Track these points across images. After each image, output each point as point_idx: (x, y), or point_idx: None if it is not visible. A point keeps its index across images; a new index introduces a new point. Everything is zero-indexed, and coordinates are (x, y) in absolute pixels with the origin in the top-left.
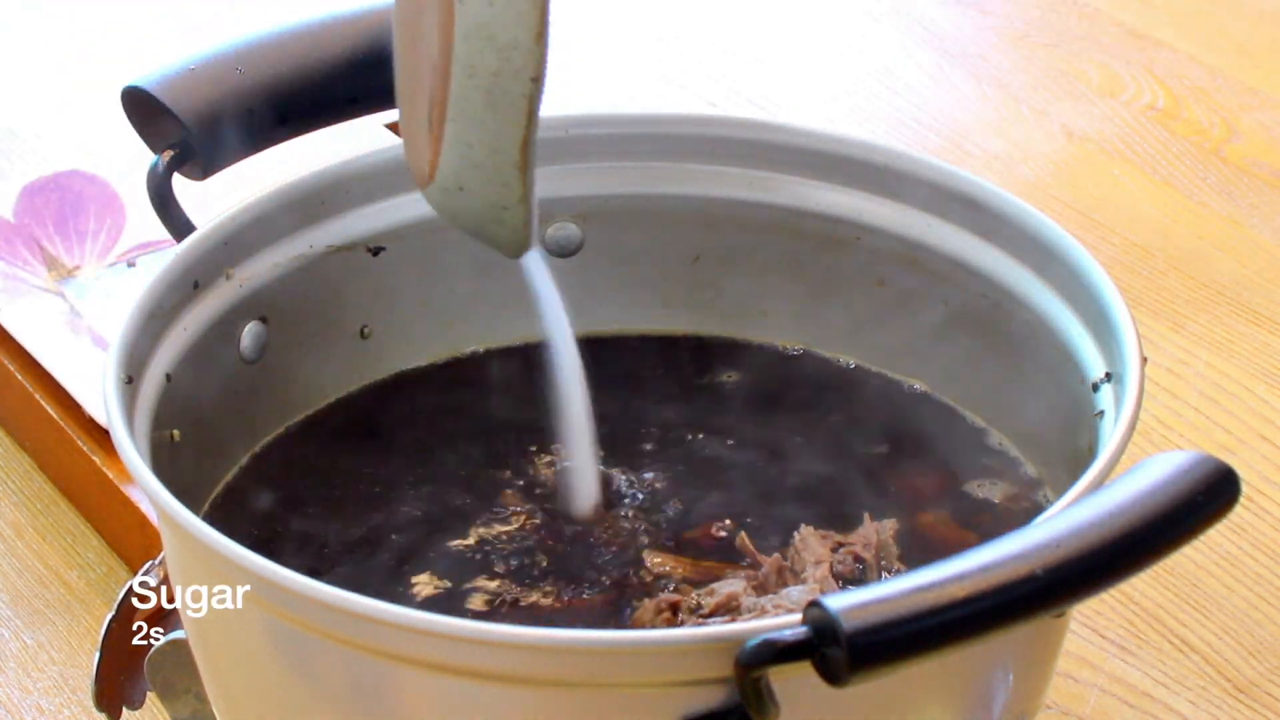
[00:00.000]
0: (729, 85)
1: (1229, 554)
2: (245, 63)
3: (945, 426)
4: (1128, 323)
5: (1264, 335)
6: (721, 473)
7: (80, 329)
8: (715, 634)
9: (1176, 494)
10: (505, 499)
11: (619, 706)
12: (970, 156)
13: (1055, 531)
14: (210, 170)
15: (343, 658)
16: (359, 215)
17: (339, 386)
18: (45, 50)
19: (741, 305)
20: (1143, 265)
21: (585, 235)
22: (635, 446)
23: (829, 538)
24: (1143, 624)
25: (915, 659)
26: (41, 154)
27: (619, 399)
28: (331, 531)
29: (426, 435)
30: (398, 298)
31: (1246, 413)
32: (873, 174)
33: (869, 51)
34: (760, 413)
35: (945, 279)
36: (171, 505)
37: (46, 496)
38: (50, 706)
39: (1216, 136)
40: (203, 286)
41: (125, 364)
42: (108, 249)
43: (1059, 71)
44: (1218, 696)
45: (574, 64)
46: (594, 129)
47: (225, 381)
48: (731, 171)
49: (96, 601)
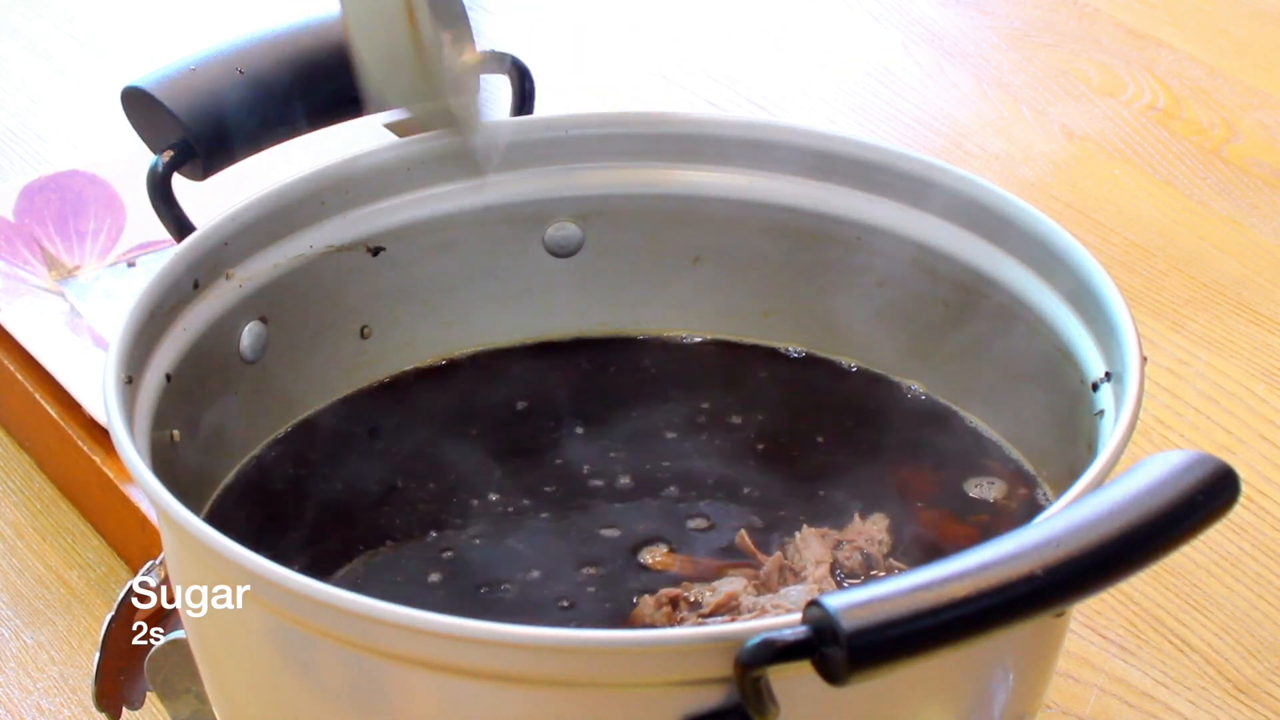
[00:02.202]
0: (729, 85)
1: (1229, 554)
2: (245, 63)
3: (945, 426)
4: (1128, 322)
5: (1264, 335)
6: (721, 472)
7: (80, 329)
8: (715, 633)
9: (1176, 493)
10: (506, 498)
11: (619, 706)
12: (970, 156)
13: (1055, 531)
14: (210, 170)
15: (343, 658)
16: (359, 215)
17: (339, 386)
18: (45, 50)
19: (741, 305)
20: (1143, 265)
21: (585, 235)
22: (635, 446)
23: (829, 536)
24: (1143, 624)
25: (915, 658)
26: (41, 154)
27: (619, 399)
28: (332, 531)
29: (426, 435)
30: (398, 298)
31: (1246, 413)
32: (873, 174)
33: (869, 51)
34: (760, 413)
35: (945, 279)
36: (171, 505)
37: (46, 496)
38: (50, 706)
39: (1216, 136)
40: (203, 286)
41: (125, 364)
42: (108, 249)
43: (1059, 71)
44: (1218, 696)
45: (574, 64)
46: (594, 129)
47: (225, 381)
48: (731, 171)
49: (96, 601)
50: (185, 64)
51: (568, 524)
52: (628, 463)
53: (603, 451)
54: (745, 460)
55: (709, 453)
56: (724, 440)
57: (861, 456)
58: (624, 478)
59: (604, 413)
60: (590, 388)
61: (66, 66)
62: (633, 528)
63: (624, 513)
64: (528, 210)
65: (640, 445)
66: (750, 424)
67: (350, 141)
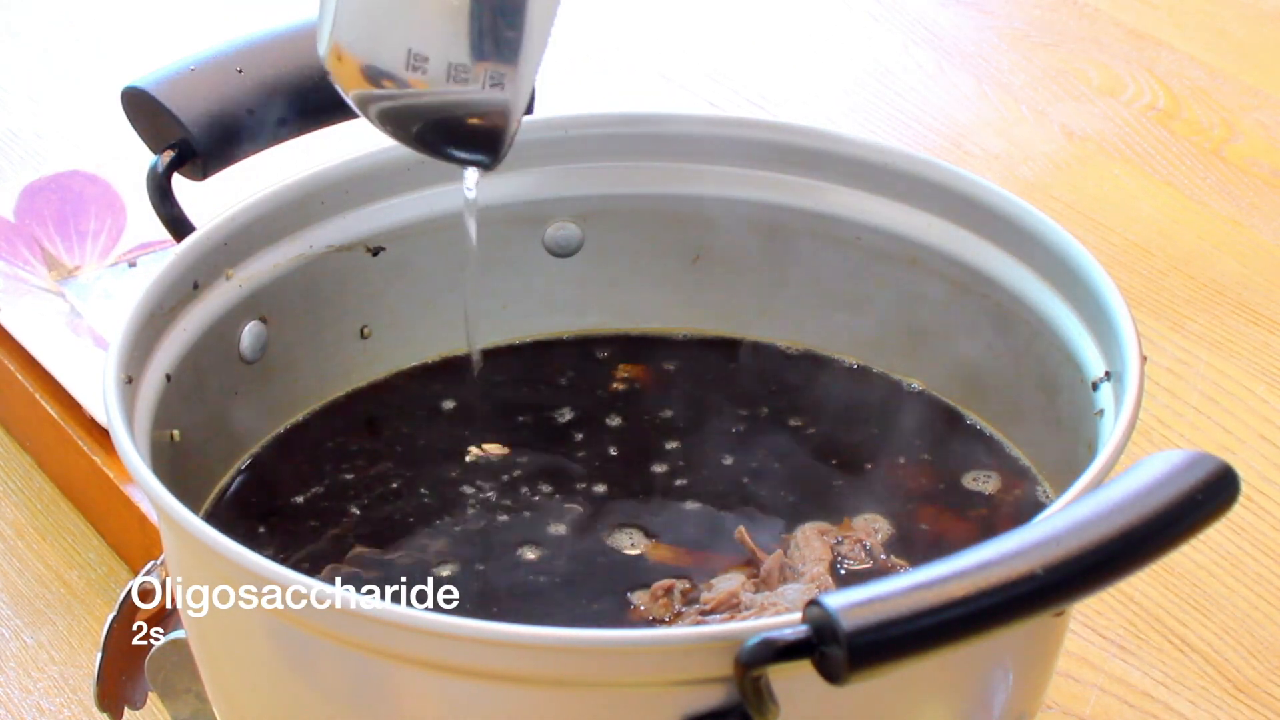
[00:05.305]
0: (729, 85)
1: (1229, 554)
2: (245, 63)
3: (945, 425)
4: (1128, 321)
5: (1264, 335)
6: (722, 470)
7: (81, 329)
8: (715, 633)
9: (1176, 492)
10: (505, 496)
11: (619, 706)
12: (970, 156)
13: (1055, 529)
14: (210, 170)
15: (343, 658)
16: (359, 215)
17: (339, 386)
18: (45, 51)
19: (741, 305)
20: (1143, 265)
21: (585, 235)
22: (635, 445)
23: (829, 533)
24: (1143, 624)
25: (915, 657)
26: (42, 154)
27: (619, 399)
28: (331, 531)
29: (426, 435)
30: (398, 298)
31: (1246, 413)
32: (873, 174)
33: (869, 51)
34: (760, 412)
35: (945, 278)
36: (171, 505)
37: (46, 496)
38: (51, 706)
39: (1216, 136)
40: (203, 286)
41: (125, 364)
42: (108, 249)
43: (1059, 71)
44: (1218, 696)
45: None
46: (594, 129)
47: (225, 381)
48: (732, 171)
49: (97, 601)
50: (185, 64)
51: (568, 520)
52: (628, 459)
53: (603, 448)
54: (745, 457)
55: (709, 449)
56: (724, 437)
57: (861, 454)
58: (624, 473)
59: (603, 411)
60: (590, 387)
61: (66, 66)
62: (632, 522)
63: (624, 507)
64: (528, 210)
65: (640, 442)
66: (750, 421)
67: (350, 141)
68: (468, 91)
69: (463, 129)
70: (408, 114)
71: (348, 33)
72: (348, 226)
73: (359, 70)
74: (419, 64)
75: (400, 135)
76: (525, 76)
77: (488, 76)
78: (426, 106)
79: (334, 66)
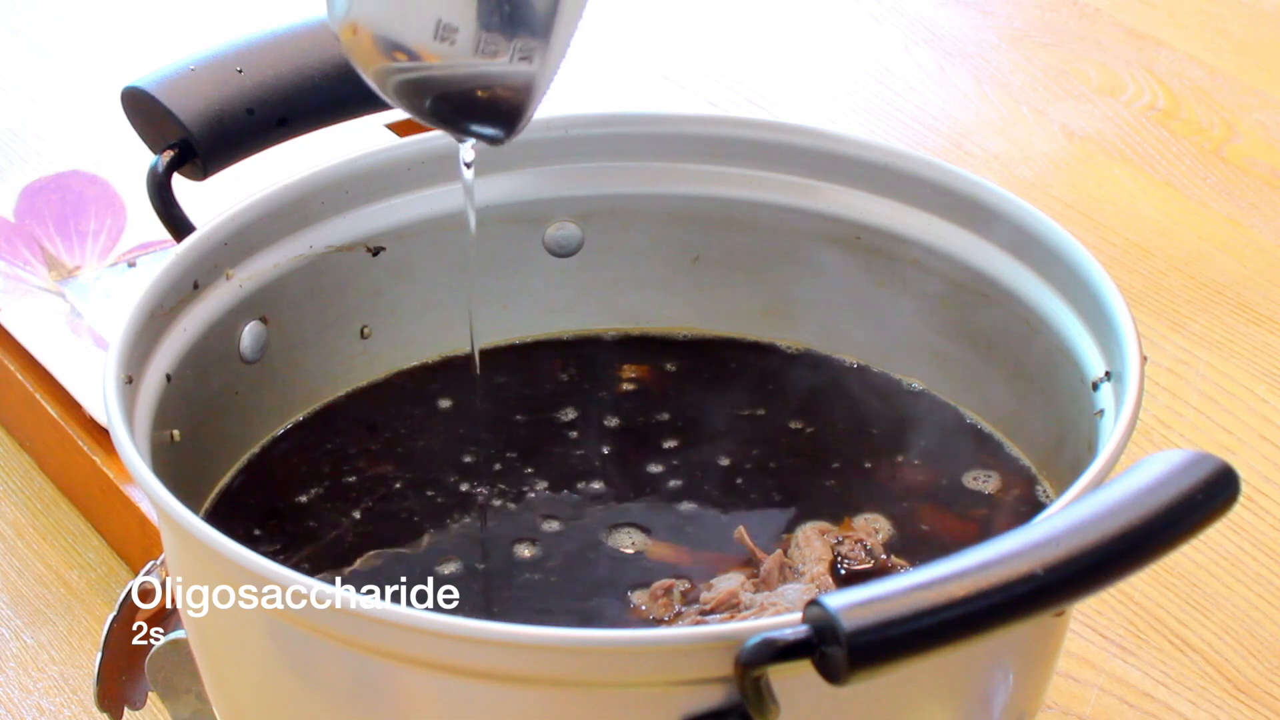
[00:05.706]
0: (729, 85)
1: (1229, 554)
2: (245, 63)
3: (945, 425)
4: (1128, 321)
5: (1264, 335)
6: (722, 469)
7: (81, 329)
8: (715, 633)
9: (1176, 492)
10: (506, 496)
11: (619, 706)
12: (970, 156)
13: (1055, 530)
14: (210, 170)
15: (343, 658)
16: (359, 215)
17: (339, 386)
18: (45, 51)
19: (742, 305)
20: (1143, 265)
21: (585, 235)
22: (635, 445)
23: (829, 533)
24: (1143, 624)
25: (915, 658)
26: (41, 154)
27: (619, 399)
28: (332, 531)
29: (426, 435)
30: (398, 298)
31: (1246, 413)
32: (873, 174)
33: (869, 51)
34: (760, 412)
35: (945, 278)
36: (171, 505)
37: (46, 496)
38: (51, 706)
39: (1216, 136)
40: (203, 286)
41: (125, 364)
42: (108, 249)
43: (1059, 71)
44: (1218, 696)
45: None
46: (594, 129)
47: (225, 381)
48: (731, 171)
49: (97, 601)
50: (185, 64)
51: (567, 520)
52: (627, 459)
53: (603, 448)
54: (746, 456)
55: (709, 448)
56: (725, 436)
57: (862, 454)
58: (624, 473)
59: (603, 411)
60: (590, 387)
61: (66, 66)
62: (632, 521)
63: (624, 507)
64: (528, 210)
65: (640, 442)
66: (750, 420)
67: (350, 141)
68: (495, 64)
69: (483, 102)
70: (428, 86)
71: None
72: (348, 226)
73: (379, 39)
74: (447, 35)
75: (415, 107)
76: (555, 51)
77: (517, 50)
78: (450, 79)
79: (349, 35)
